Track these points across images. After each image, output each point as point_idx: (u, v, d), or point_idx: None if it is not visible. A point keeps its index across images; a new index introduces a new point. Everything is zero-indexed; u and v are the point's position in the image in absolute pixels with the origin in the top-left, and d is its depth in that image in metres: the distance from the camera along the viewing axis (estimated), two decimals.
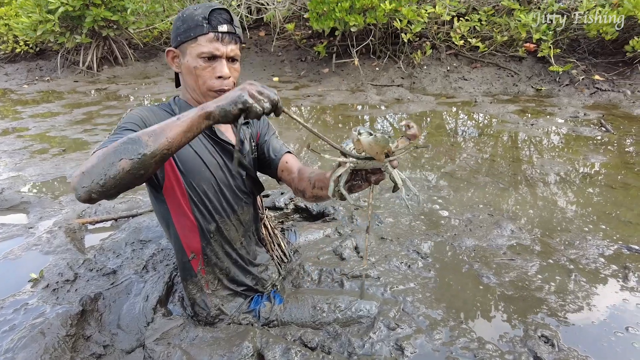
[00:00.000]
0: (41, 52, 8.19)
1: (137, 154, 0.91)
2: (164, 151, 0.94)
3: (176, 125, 0.95)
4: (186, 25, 1.25)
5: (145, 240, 2.03)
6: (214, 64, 1.27)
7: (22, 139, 3.82)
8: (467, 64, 5.78)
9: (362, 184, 1.14)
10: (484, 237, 1.99)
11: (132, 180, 0.94)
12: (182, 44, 1.27)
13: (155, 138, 0.93)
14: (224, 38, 1.25)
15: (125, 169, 0.91)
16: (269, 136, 1.53)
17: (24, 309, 1.60)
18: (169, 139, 0.94)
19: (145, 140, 0.92)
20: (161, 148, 0.93)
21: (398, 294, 1.57)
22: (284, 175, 1.47)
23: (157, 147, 0.93)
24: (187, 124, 0.95)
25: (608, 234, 2.00)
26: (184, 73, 1.31)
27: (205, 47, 1.24)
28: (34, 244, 2.07)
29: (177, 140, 0.95)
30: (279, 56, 7.13)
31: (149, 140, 0.93)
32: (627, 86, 4.81)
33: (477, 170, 2.84)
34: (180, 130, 0.95)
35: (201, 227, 1.36)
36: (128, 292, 1.69)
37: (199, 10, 1.24)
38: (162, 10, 7.61)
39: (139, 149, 0.91)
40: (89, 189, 0.92)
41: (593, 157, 3.01)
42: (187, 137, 0.97)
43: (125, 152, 0.91)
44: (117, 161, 0.91)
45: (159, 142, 0.93)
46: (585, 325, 1.45)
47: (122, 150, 0.92)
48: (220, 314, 1.46)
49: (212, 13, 1.23)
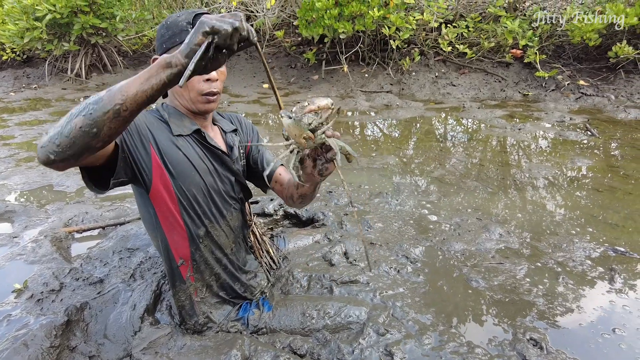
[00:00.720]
0: (28, 60, 8.10)
1: (90, 110, 0.85)
2: (116, 106, 0.85)
3: (134, 78, 0.87)
4: (171, 31, 1.26)
5: (132, 248, 2.01)
6: None
7: (8, 147, 3.77)
8: (455, 70, 5.84)
9: (329, 165, 1.14)
10: (472, 241, 2.00)
11: (87, 141, 0.87)
12: (168, 50, 1.28)
13: (111, 92, 0.86)
14: None
15: (77, 125, 0.85)
16: (261, 148, 1.56)
17: (6, 321, 1.56)
18: (123, 92, 0.85)
19: (101, 96, 0.86)
20: (114, 102, 0.84)
21: (387, 299, 1.57)
22: (276, 187, 1.51)
23: (109, 101, 0.85)
24: (144, 75, 0.86)
25: (595, 236, 2.03)
26: None
27: None
28: (18, 254, 2.03)
29: (132, 94, 0.85)
30: (268, 63, 7.14)
31: (105, 95, 0.86)
32: (610, 91, 4.90)
33: (466, 174, 2.86)
34: (136, 83, 0.85)
35: (190, 232, 1.34)
36: (115, 301, 1.66)
37: (183, 17, 1.26)
38: (151, 17, 7.60)
39: (93, 105, 0.85)
40: (46, 148, 0.88)
41: (579, 160, 3.05)
42: (143, 90, 0.85)
43: (81, 108, 0.87)
44: (73, 119, 0.86)
45: (111, 97, 0.85)
46: (573, 327, 1.46)
47: (80, 107, 0.87)
48: (208, 321, 1.44)
49: (195, 18, 1.25)
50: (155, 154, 1.25)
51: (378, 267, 1.76)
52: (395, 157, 3.26)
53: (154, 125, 1.29)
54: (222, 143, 1.46)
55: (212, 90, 1.31)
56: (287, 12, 6.75)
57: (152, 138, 1.25)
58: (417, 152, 3.44)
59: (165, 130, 1.31)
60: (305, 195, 1.37)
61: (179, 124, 1.34)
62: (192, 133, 1.34)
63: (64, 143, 0.86)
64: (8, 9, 6.20)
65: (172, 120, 1.34)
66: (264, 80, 6.70)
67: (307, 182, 1.22)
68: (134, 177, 1.23)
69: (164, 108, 1.39)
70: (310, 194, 1.36)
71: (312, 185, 1.28)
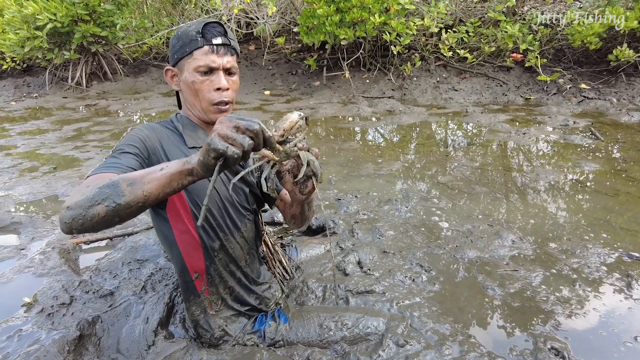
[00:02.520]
0: (29, 69, 8.10)
1: (113, 203, 0.88)
2: (139, 204, 0.89)
3: (156, 177, 0.89)
4: (181, 42, 1.26)
5: (142, 259, 1.99)
6: (211, 77, 1.27)
7: (11, 157, 3.75)
8: (456, 74, 5.86)
9: (307, 183, 1.17)
10: (485, 248, 1.99)
11: (110, 225, 0.92)
12: (179, 60, 1.28)
13: (132, 188, 0.89)
14: (219, 50, 1.26)
15: (100, 214, 0.89)
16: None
17: (17, 336, 1.53)
18: (145, 192, 0.89)
19: (123, 189, 0.89)
20: (136, 200, 0.89)
21: (405, 309, 1.55)
22: (280, 205, 1.54)
23: (132, 199, 0.89)
24: (166, 179, 0.89)
25: (608, 242, 2.02)
26: (184, 90, 1.31)
27: (201, 61, 1.24)
28: (26, 266, 2.00)
29: (154, 195, 0.89)
30: (269, 70, 7.15)
31: (127, 189, 0.89)
32: (612, 94, 4.92)
33: (474, 180, 2.85)
34: (158, 184, 0.89)
35: (205, 245, 1.33)
36: (127, 315, 1.64)
37: (193, 26, 1.26)
38: (151, 25, 7.61)
39: (115, 198, 0.88)
40: (69, 225, 0.91)
41: (586, 164, 3.04)
42: (165, 193, 0.90)
43: (102, 196, 0.89)
44: (95, 205, 0.89)
45: (134, 194, 0.89)
46: (594, 336, 1.44)
47: (100, 194, 0.89)
48: (224, 335, 1.42)
49: (205, 27, 1.25)
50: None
51: (393, 277, 1.74)
52: (401, 163, 3.25)
53: (166, 139, 1.28)
54: None
55: (222, 99, 1.30)
56: (288, 19, 6.77)
57: (164, 154, 1.24)
58: (423, 157, 3.43)
59: (178, 142, 1.30)
60: (296, 216, 1.40)
61: (193, 136, 1.33)
62: None
63: (87, 224, 0.90)
64: (9, 18, 6.20)
65: (186, 132, 1.33)
66: (265, 87, 6.71)
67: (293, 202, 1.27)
68: None
69: (177, 119, 1.37)
70: (299, 215, 1.39)
71: (298, 206, 1.33)
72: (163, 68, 7.77)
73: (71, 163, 3.55)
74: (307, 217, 1.44)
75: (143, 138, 1.21)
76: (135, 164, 1.11)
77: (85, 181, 0.96)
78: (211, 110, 1.31)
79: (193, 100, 1.31)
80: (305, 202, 1.31)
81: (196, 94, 1.28)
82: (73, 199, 0.92)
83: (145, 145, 1.20)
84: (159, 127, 1.30)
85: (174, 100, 6.21)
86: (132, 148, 1.15)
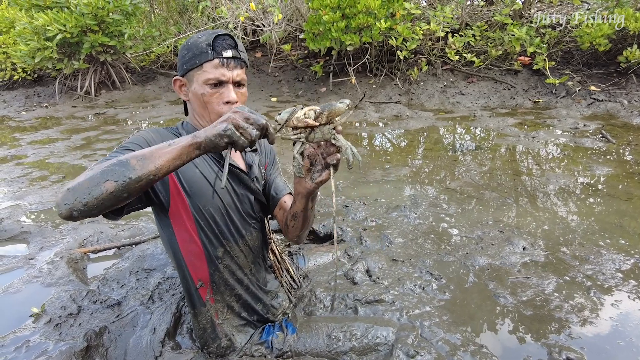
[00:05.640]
0: (39, 79, 8.22)
1: (123, 177, 0.90)
2: (150, 176, 0.93)
3: (166, 151, 0.94)
4: (191, 53, 1.25)
5: (149, 268, 1.98)
6: (221, 89, 1.26)
7: (21, 167, 3.79)
8: (463, 78, 5.82)
9: (322, 172, 1.14)
10: (496, 255, 1.95)
11: (115, 203, 0.92)
12: (189, 71, 1.27)
13: (143, 162, 0.92)
14: (229, 63, 1.25)
15: (109, 190, 0.89)
16: (274, 173, 1.53)
17: (25, 347, 1.53)
18: (157, 164, 0.93)
19: (133, 164, 0.91)
20: (147, 173, 0.92)
21: (415, 319, 1.52)
22: (279, 214, 1.45)
23: (144, 172, 0.92)
24: (177, 152, 0.95)
25: (623, 247, 1.97)
26: (192, 101, 1.30)
27: (211, 74, 1.23)
28: (34, 276, 2.01)
29: (165, 167, 0.94)
30: (276, 77, 7.18)
31: (137, 164, 0.92)
32: (623, 96, 4.85)
33: (483, 185, 2.81)
34: (169, 157, 0.94)
35: (208, 252, 1.31)
36: (134, 325, 1.63)
37: (203, 38, 1.24)
38: (158, 34, 7.69)
39: (125, 172, 0.90)
40: (71, 206, 0.89)
41: (598, 168, 2.99)
42: (175, 165, 0.95)
43: (111, 173, 0.90)
44: (102, 182, 0.89)
45: (146, 167, 0.92)
46: (611, 346, 1.40)
47: (109, 171, 0.90)
48: (231, 344, 1.40)
49: (215, 39, 1.24)
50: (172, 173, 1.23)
51: (402, 285, 1.71)
52: (409, 169, 3.22)
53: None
54: (241, 161, 1.44)
55: None
56: (294, 26, 6.79)
57: None
58: (432, 163, 3.40)
59: None
60: (297, 215, 1.30)
61: None
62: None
63: (91, 203, 0.89)
64: (20, 30, 6.30)
65: None
66: (271, 93, 6.73)
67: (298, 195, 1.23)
68: (150, 201, 1.22)
69: (183, 127, 1.37)
70: (301, 212, 1.28)
71: (302, 199, 1.23)
72: (170, 76, 7.85)
73: (80, 171, 3.58)
74: (309, 218, 1.34)
75: (148, 139, 1.21)
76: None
77: (85, 171, 0.96)
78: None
79: (202, 112, 1.30)
80: (311, 196, 1.25)
81: (205, 106, 1.28)
82: (75, 181, 0.92)
83: (150, 145, 1.20)
84: (164, 131, 1.30)
85: (182, 109, 6.25)
86: (135, 146, 1.15)
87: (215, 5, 7.11)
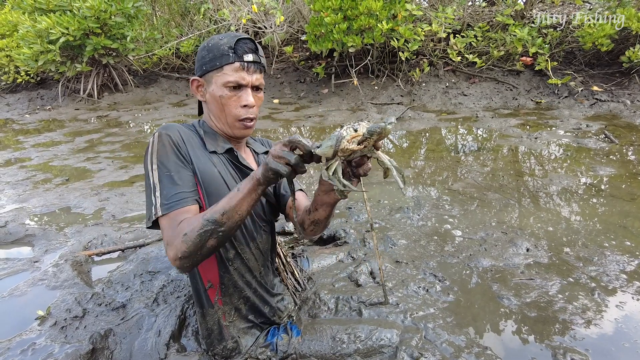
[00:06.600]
0: (42, 82, 8.26)
1: (220, 234, 1.08)
2: (238, 222, 1.09)
3: (240, 198, 1.08)
4: (212, 54, 1.25)
5: (154, 271, 1.99)
6: (239, 93, 1.27)
7: (25, 169, 3.80)
8: (465, 79, 5.82)
9: (352, 181, 1.15)
10: (500, 257, 1.95)
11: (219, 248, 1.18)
12: (208, 73, 1.27)
13: (228, 215, 1.08)
14: (250, 67, 1.26)
15: (213, 245, 1.09)
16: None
17: (31, 350, 1.54)
18: (239, 212, 1.08)
19: (221, 221, 1.07)
20: (236, 221, 1.09)
21: (419, 321, 1.52)
22: (290, 212, 1.46)
23: (232, 224, 1.09)
24: (248, 195, 1.08)
25: (627, 248, 1.96)
26: (209, 102, 1.31)
27: (232, 77, 1.24)
28: (39, 279, 2.02)
29: (246, 210, 1.09)
30: (278, 78, 7.19)
31: (223, 219, 1.07)
32: (626, 96, 4.84)
33: (486, 186, 2.81)
34: (247, 204, 1.09)
35: (219, 254, 1.32)
36: (139, 327, 1.63)
37: (225, 40, 1.25)
38: (160, 36, 7.71)
39: (219, 229, 1.07)
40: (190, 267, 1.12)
41: (601, 168, 2.99)
42: (251, 205, 1.10)
43: (208, 235, 1.07)
44: (205, 243, 1.08)
45: (233, 219, 1.08)
46: (616, 348, 1.40)
47: (205, 234, 1.07)
48: (236, 347, 1.40)
49: (237, 42, 1.24)
50: (196, 171, 1.24)
51: (406, 287, 1.72)
52: (412, 170, 3.22)
53: (191, 141, 1.29)
54: (254, 164, 1.45)
55: (249, 116, 1.30)
56: (295, 28, 6.81)
57: (191, 156, 1.25)
58: (434, 164, 3.40)
59: (200, 145, 1.31)
60: (319, 222, 1.32)
61: (212, 142, 1.34)
62: (225, 152, 1.34)
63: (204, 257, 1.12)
64: (23, 33, 6.34)
65: (207, 138, 1.34)
66: (274, 95, 6.74)
67: (322, 205, 1.24)
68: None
69: (200, 125, 1.38)
70: (324, 220, 1.31)
71: (327, 208, 1.26)
72: (172, 78, 7.88)
73: (83, 174, 3.59)
74: (329, 223, 1.39)
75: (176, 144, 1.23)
76: (188, 177, 1.21)
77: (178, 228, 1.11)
78: (236, 126, 1.32)
79: (219, 114, 1.31)
80: (335, 204, 1.28)
81: (222, 108, 1.28)
82: (181, 249, 1.08)
83: (180, 151, 1.23)
84: (186, 130, 1.31)
85: (184, 111, 6.27)
86: (175, 166, 1.19)
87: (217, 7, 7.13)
